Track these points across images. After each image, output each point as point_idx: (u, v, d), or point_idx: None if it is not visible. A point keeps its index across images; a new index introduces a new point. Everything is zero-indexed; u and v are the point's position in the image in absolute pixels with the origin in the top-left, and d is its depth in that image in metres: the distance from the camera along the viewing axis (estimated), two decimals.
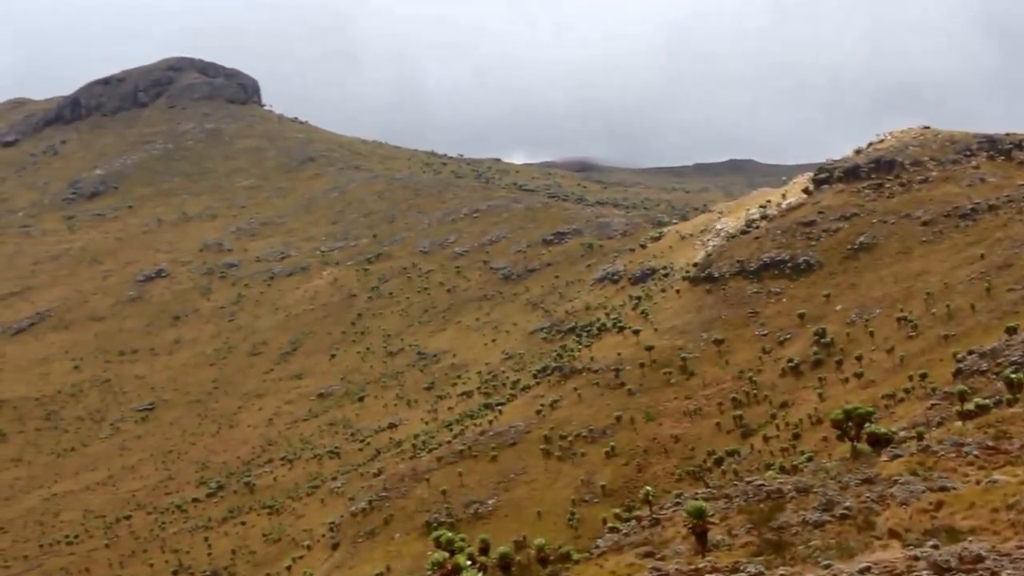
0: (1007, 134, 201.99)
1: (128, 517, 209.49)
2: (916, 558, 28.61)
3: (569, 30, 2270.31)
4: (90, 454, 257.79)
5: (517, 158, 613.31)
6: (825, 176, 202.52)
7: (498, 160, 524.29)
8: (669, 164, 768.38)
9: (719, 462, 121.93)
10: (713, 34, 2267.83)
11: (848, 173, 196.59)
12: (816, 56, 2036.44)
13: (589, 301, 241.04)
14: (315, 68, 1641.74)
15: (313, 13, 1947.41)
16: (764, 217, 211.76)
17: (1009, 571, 26.66)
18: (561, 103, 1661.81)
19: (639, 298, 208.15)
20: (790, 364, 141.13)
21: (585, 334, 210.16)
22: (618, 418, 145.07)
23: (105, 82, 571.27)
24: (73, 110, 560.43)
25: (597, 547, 45.50)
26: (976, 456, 41.10)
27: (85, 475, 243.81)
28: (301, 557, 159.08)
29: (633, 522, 48.79)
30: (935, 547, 29.52)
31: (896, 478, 38.39)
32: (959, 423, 55.14)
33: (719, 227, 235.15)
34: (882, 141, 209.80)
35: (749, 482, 43.22)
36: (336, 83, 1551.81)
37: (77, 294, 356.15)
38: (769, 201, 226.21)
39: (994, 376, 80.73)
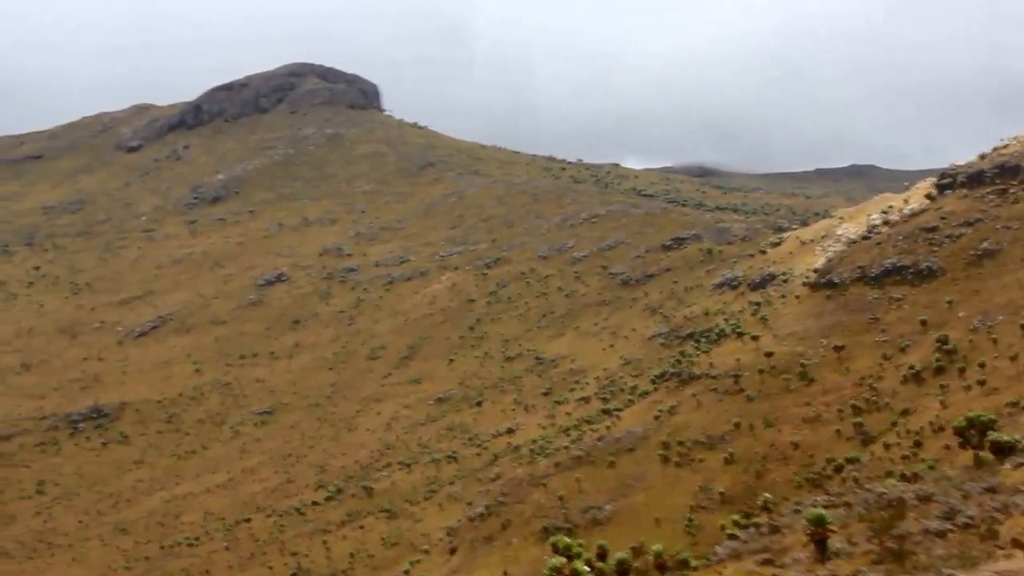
0: None
1: (248, 520, 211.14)
2: None
3: (683, 32, 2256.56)
4: (210, 457, 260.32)
5: (631, 163, 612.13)
6: (948, 181, 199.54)
7: (617, 165, 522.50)
8: (789, 169, 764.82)
9: (839, 469, 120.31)
10: (831, 35, 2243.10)
11: (972, 178, 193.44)
12: (938, 58, 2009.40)
13: (708, 307, 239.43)
14: (430, 73, 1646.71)
15: (428, 20, 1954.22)
16: (886, 223, 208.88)
17: None
18: (676, 107, 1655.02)
19: (758, 304, 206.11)
20: (911, 371, 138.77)
21: (704, 340, 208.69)
22: (737, 424, 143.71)
23: (227, 88, 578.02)
24: (195, 115, 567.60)
25: (715, 554, 45.14)
26: None
27: (205, 477, 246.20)
28: (419, 561, 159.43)
29: (752, 529, 48.32)
30: None
31: (1020, 487, 37.71)
32: None
33: (840, 232, 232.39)
34: (1007, 146, 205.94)
35: (870, 490, 42.66)
36: (449, 88, 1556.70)
37: (198, 298, 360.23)
38: (891, 206, 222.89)
39: None
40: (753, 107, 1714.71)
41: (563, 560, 41.98)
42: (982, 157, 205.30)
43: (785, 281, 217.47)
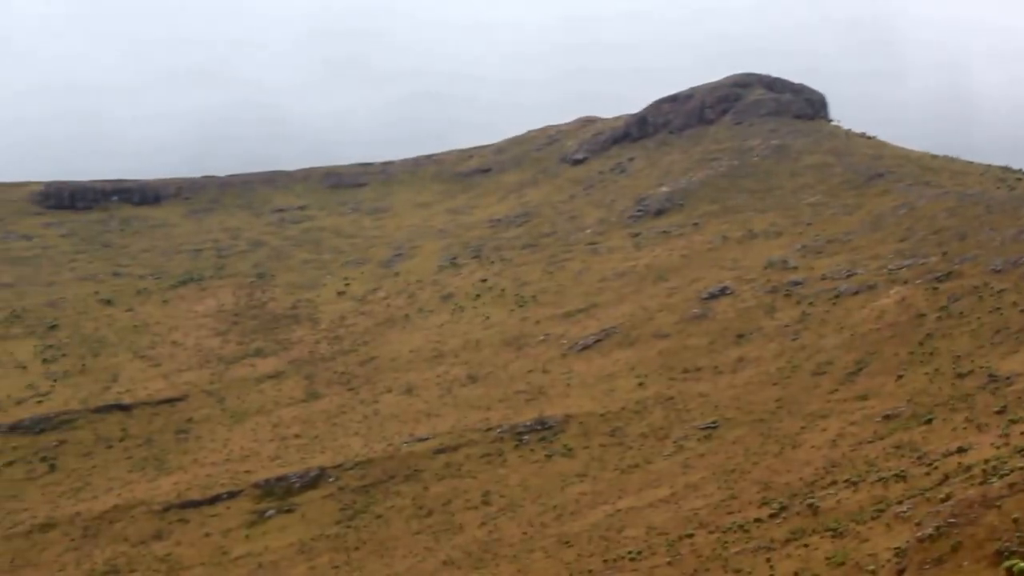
0: None
1: (690, 535, 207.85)
2: None
3: None
4: (653, 471, 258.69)
5: None
6: None
7: None
8: None
9: None
10: None
11: None
12: None
13: None
14: (865, 81, 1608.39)
15: (862, 27, 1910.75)
16: None
17: None
18: None
19: None
20: None
21: None
22: None
23: (672, 99, 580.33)
24: (640, 128, 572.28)
25: None
26: None
27: (648, 492, 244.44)
28: None
29: None
30: None
31: None
32: None
33: None
34: None
35: None
36: (884, 96, 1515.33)
37: (642, 311, 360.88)
38: None
39: None
40: None
41: None
42: None
43: None
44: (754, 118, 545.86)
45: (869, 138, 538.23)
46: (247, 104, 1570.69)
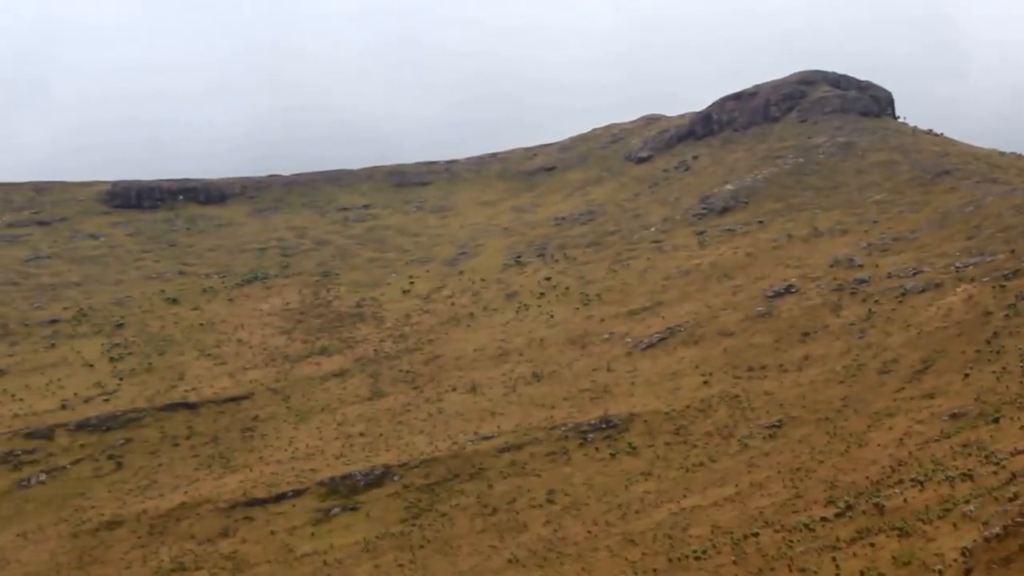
0: None
1: (756, 534, 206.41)
2: None
3: None
4: (718, 470, 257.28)
5: None
6: None
7: None
8: None
9: None
10: None
11: None
12: None
13: None
14: (928, 79, 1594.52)
15: (925, 24, 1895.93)
16: None
17: None
18: None
19: None
20: None
21: None
22: None
23: (736, 97, 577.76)
24: (704, 126, 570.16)
25: None
26: None
27: (713, 491, 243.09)
28: None
29: None
30: None
31: None
32: None
33: None
34: None
35: None
36: (949, 93, 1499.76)
37: (707, 309, 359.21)
38: None
39: None
40: None
41: None
42: None
43: None
44: (819, 115, 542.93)
45: (936, 135, 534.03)
46: (312, 109, 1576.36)
